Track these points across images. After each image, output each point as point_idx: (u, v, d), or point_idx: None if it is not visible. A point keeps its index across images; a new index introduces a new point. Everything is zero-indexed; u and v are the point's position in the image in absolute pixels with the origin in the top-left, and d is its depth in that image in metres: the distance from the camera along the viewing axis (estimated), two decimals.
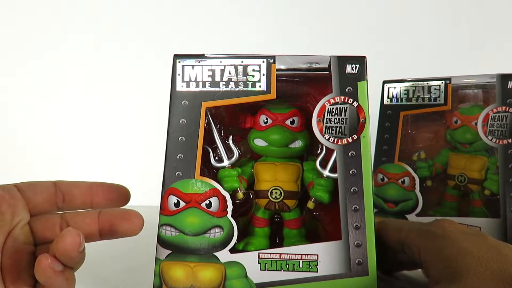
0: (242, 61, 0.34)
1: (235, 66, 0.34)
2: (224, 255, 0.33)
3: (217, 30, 0.77)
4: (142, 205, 0.44)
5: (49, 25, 0.78)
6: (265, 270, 0.33)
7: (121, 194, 0.36)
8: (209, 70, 0.34)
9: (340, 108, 0.34)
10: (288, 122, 0.37)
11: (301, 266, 0.33)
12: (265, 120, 0.37)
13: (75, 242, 0.28)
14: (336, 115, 0.34)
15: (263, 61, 0.34)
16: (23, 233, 0.32)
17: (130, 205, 0.36)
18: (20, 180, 0.35)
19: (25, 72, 0.79)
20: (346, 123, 0.34)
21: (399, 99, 0.49)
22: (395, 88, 0.49)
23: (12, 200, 0.32)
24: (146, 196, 0.51)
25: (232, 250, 0.33)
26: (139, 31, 0.77)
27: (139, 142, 0.79)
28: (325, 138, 0.34)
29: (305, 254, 0.33)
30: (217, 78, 0.34)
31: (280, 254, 0.33)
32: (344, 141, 0.33)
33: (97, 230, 0.34)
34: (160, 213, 0.34)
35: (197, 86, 0.34)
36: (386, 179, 0.48)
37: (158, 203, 0.34)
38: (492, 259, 0.27)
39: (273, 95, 0.34)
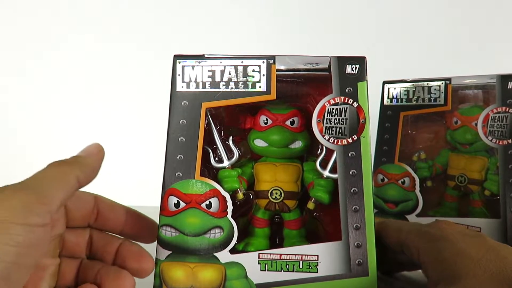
0: (242, 62, 0.34)
1: (235, 67, 0.34)
2: (224, 256, 0.33)
3: (217, 30, 0.77)
4: (142, 205, 0.44)
5: (49, 25, 0.78)
6: (265, 270, 0.33)
7: (150, 234, 0.35)
8: (209, 70, 0.34)
9: (340, 108, 0.34)
10: (288, 122, 0.37)
11: (301, 266, 0.33)
12: (265, 121, 0.37)
13: None
14: (336, 116, 0.34)
15: (263, 62, 0.34)
16: (54, 245, 0.31)
17: (131, 205, 0.36)
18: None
19: (25, 72, 0.79)
20: (346, 124, 0.34)
21: (399, 100, 0.49)
22: (395, 88, 0.49)
23: (56, 214, 0.30)
24: (146, 196, 0.51)
25: (232, 251, 0.33)
26: (139, 31, 0.77)
27: (139, 143, 0.79)
28: (325, 138, 0.34)
29: (305, 255, 0.33)
30: (217, 78, 0.34)
31: (280, 254, 0.33)
32: (344, 141, 0.33)
33: (111, 261, 0.33)
34: (160, 214, 0.34)
35: (197, 86, 0.34)
36: (386, 180, 0.48)
37: (158, 203, 0.34)
38: (491, 261, 0.27)
39: (273, 96, 0.34)
